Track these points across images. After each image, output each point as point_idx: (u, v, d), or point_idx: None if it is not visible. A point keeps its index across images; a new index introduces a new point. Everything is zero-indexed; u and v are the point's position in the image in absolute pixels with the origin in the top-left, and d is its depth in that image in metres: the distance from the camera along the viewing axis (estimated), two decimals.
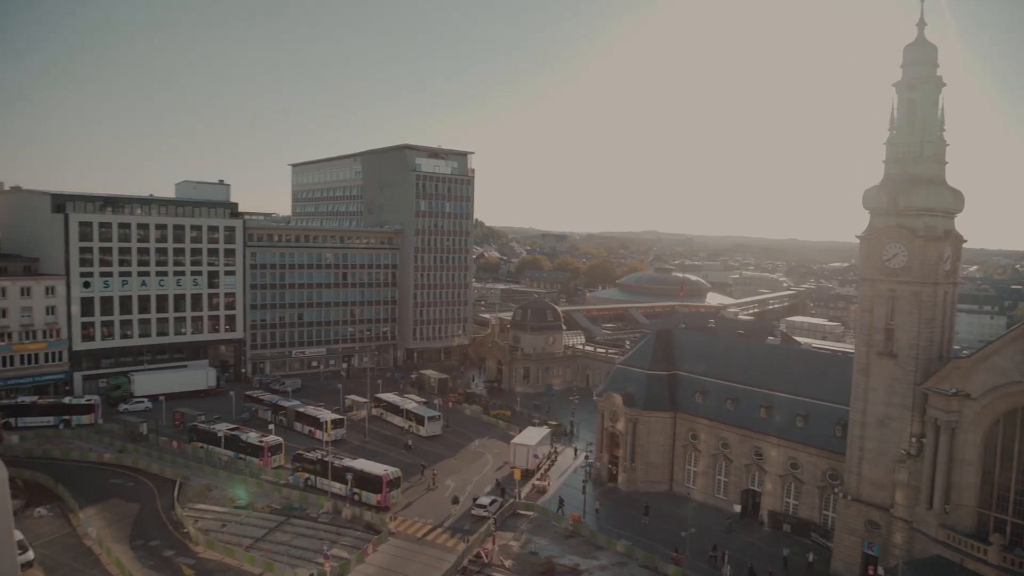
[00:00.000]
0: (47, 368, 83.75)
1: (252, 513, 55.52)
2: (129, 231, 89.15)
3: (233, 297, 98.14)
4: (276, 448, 65.86)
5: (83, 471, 62.65)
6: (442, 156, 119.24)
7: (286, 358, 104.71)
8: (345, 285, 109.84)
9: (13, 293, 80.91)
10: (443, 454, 71.54)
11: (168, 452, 68.13)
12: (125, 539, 50.56)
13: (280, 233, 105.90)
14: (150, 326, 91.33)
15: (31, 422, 73.50)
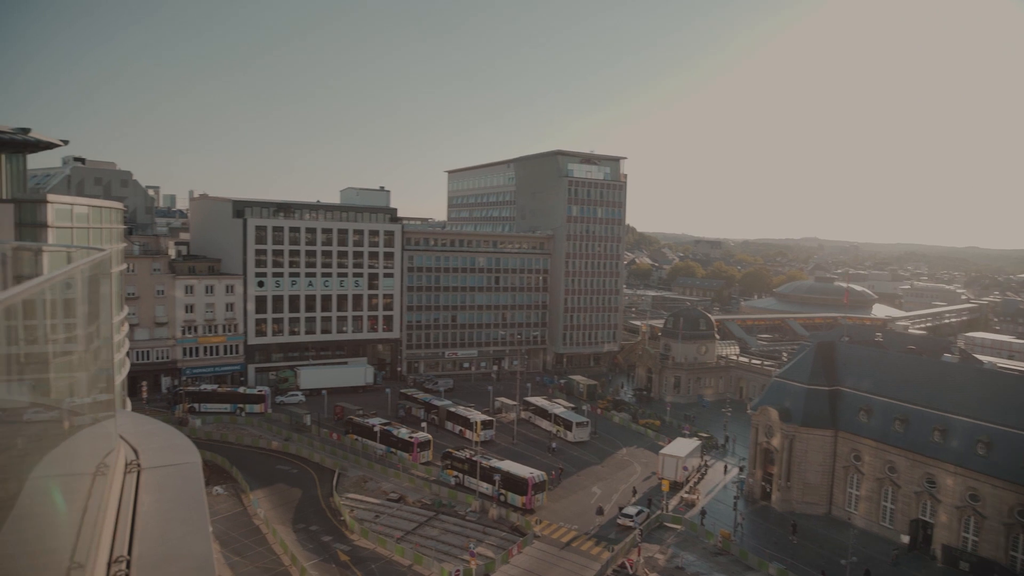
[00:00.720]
0: (225, 359, 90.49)
1: (404, 507, 57.08)
2: (298, 234, 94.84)
3: (391, 298, 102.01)
4: (425, 444, 67.51)
5: (254, 455, 66.95)
6: (594, 162, 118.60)
7: (439, 358, 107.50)
8: (497, 289, 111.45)
9: (199, 291, 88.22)
10: (590, 460, 70.63)
11: (328, 443, 71.51)
12: (288, 521, 53.48)
13: (436, 237, 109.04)
14: (315, 324, 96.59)
15: (211, 408, 79.57)
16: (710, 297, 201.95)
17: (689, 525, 54.94)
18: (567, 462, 68.99)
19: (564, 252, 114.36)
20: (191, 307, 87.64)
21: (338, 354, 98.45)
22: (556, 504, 58.77)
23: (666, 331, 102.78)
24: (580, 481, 64.85)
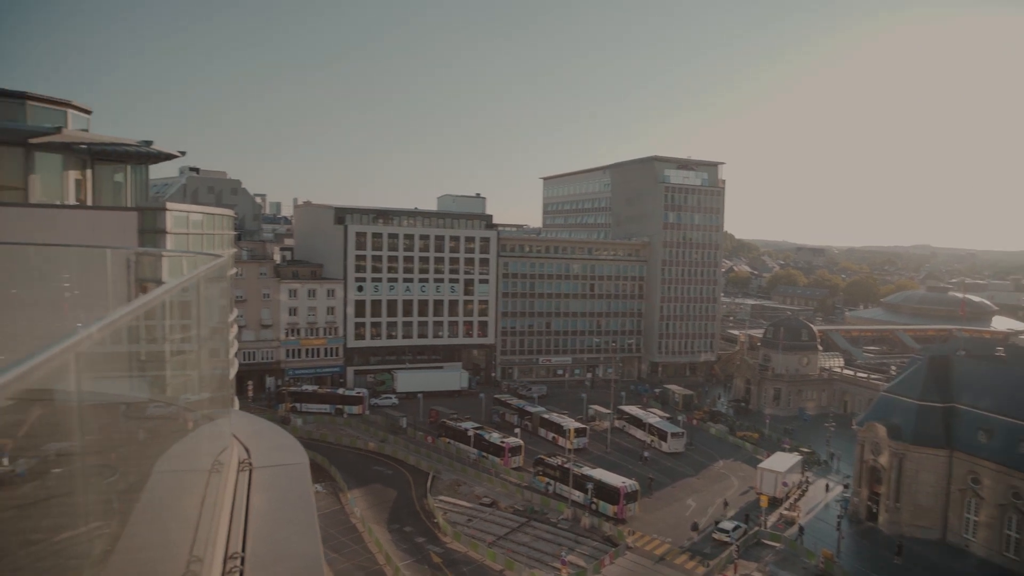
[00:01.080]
0: (326, 361, 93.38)
1: (496, 512, 57.37)
2: (396, 240, 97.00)
3: (486, 304, 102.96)
4: (516, 450, 67.69)
5: (351, 455, 68.71)
6: (691, 167, 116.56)
7: (533, 365, 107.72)
8: (592, 296, 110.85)
9: (302, 294, 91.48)
10: (685, 472, 69.18)
11: (423, 446, 72.66)
12: (383, 521, 54.60)
13: (531, 244, 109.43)
14: (412, 328, 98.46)
15: (312, 408, 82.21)
16: (812, 307, 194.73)
17: (788, 543, 52.99)
18: (661, 473, 67.83)
19: (660, 259, 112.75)
20: (294, 310, 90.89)
21: (434, 358, 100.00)
22: (650, 515, 57.81)
23: (766, 341, 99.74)
24: (674, 493, 63.62)
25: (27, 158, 24.50)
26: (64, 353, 1.93)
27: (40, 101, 27.41)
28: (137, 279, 10.55)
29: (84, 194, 26.33)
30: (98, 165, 27.05)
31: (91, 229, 19.50)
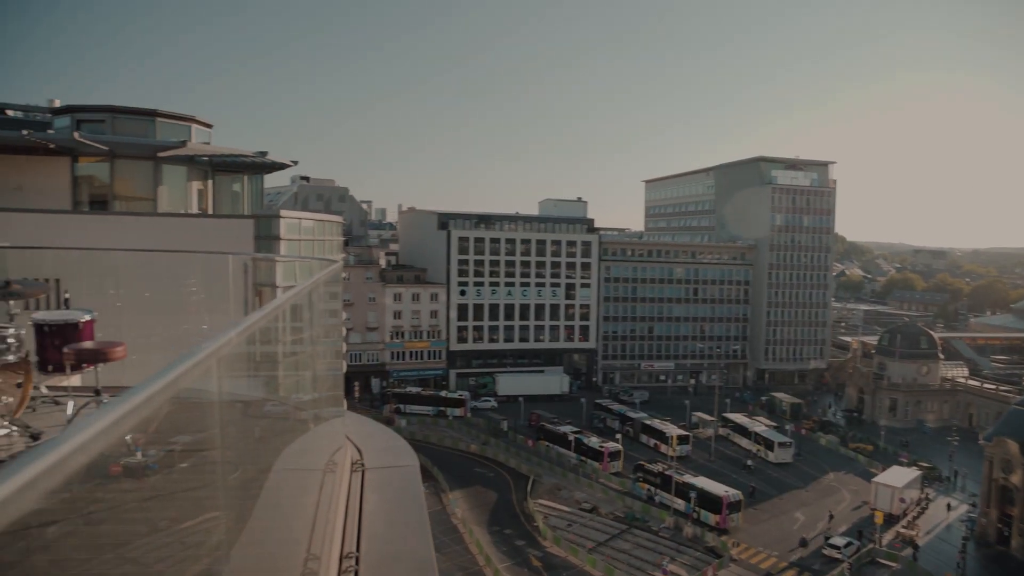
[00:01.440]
0: (429, 364, 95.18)
1: (596, 517, 56.97)
2: (498, 245, 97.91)
3: (588, 308, 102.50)
4: (615, 455, 67.05)
5: (453, 457, 69.70)
6: (800, 167, 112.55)
7: (635, 370, 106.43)
8: (695, 300, 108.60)
9: (407, 298, 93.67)
10: (792, 483, 66.71)
11: (524, 449, 72.96)
12: (484, 523, 55.12)
13: (633, 248, 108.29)
14: (513, 332, 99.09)
15: (415, 409, 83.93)
16: (932, 312, 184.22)
17: (906, 564, 50.23)
18: (767, 483, 65.65)
19: (767, 263, 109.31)
20: (399, 314, 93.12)
21: (535, 362, 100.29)
22: (755, 527, 56.05)
23: (881, 348, 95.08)
24: (781, 505, 61.46)
25: (156, 171, 26.25)
26: (208, 358, 2.00)
27: (167, 118, 29.44)
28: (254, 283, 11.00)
29: (206, 203, 27.87)
30: (218, 176, 28.64)
31: (212, 236, 20.58)
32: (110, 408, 1.22)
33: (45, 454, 1.00)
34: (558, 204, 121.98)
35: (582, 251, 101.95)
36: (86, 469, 1.02)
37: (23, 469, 0.96)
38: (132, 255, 8.96)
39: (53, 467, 0.99)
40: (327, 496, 4.57)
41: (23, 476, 0.93)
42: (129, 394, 1.31)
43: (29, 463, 0.97)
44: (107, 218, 22.72)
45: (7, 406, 6.10)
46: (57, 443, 1.04)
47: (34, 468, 0.97)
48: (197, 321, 8.77)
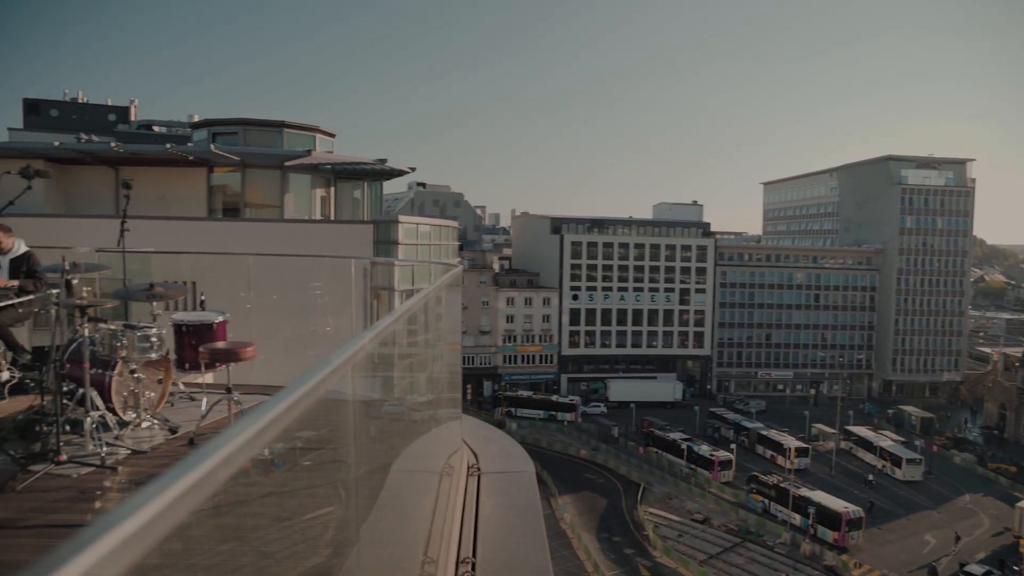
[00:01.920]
0: (540, 368, 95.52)
1: (708, 529, 55.53)
2: (611, 250, 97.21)
3: (702, 314, 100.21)
4: (726, 464, 65.30)
5: (563, 462, 69.64)
6: (933, 166, 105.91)
7: (751, 378, 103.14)
8: (817, 307, 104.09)
9: (519, 302, 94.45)
10: (922, 504, 62.73)
11: (634, 456, 72.04)
12: (592, 529, 54.75)
13: (750, 252, 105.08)
14: (625, 337, 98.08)
15: (526, 413, 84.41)
16: None
17: None
18: (894, 502, 62.02)
19: (895, 268, 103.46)
20: (511, 317, 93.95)
21: (647, 368, 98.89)
22: (878, 547, 53.07)
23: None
24: (909, 526, 57.93)
25: (283, 179, 27.68)
26: (345, 364, 2.04)
27: (294, 128, 31.07)
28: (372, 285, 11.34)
29: (328, 209, 29.09)
30: (339, 183, 29.87)
31: (334, 241, 21.42)
32: (268, 408, 1.26)
33: (218, 449, 1.06)
34: (673, 208, 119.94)
35: (697, 255, 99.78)
36: (238, 465, 1.09)
37: (199, 465, 1.01)
38: (261, 259, 9.38)
39: (224, 462, 1.05)
40: (444, 499, 4.61)
41: (200, 471, 0.99)
42: (282, 395, 1.35)
43: (205, 458, 1.02)
44: (238, 224, 24.07)
45: (149, 401, 6.51)
46: (226, 440, 1.08)
47: (209, 463, 1.02)
48: (321, 322, 9.09)
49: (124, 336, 6.14)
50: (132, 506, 0.81)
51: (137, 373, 6.20)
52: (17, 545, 4.05)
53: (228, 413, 6.27)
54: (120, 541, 0.69)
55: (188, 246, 13.26)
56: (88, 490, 4.91)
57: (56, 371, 5.53)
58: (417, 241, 43.04)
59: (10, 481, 4.92)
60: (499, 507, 4.84)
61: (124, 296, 6.86)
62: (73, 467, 5.24)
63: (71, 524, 4.32)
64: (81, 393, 5.79)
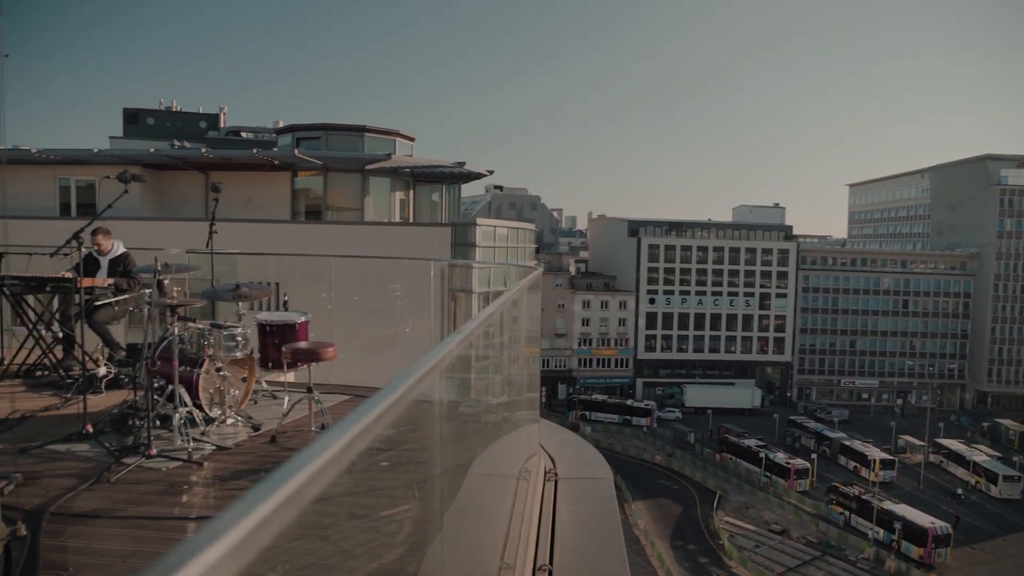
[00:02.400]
0: (615, 372, 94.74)
1: (787, 541, 53.95)
2: (689, 253, 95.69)
3: (783, 320, 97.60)
4: (803, 472, 63.52)
5: (637, 467, 68.88)
6: None
7: (834, 386, 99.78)
8: (905, 314, 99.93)
9: (595, 305, 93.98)
10: (1020, 524, 59.35)
11: (711, 464, 70.65)
12: (666, 536, 53.91)
13: (834, 256, 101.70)
14: (703, 342, 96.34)
15: (600, 417, 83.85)
16: None
17: None
18: (989, 521, 58.90)
19: (992, 273, 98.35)
20: (587, 321, 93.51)
21: (725, 374, 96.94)
22: (970, 568, 50.42)
23: None
24: (1006, 547, 54.88)
25: (363, 182, 28.28)
26: (434, 368, 2.03)
27: (375, 132, 31.70)
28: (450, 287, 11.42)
29: (407, 212, 29.55)
30: (418, 186, 30.32)
31: (413, 243, 21.73)
32: (367, 410, 1.30)
33: (325, 449, 1.08)
34: (754, 210, 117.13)
35: (778, 259, 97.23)
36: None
37: (309, 463, 1.01)
38: (341, 260, 9.55)
39: (331, 461, 1.07)
40: (520, 504, 4.56)
41: (311, 468, 1.01)
42: (379, 397, 1.35)
43: (312, 458, 1.02)
44: (320, 227, 24.68)
45: (233, 398, 6.68)
46: (330, 441, 1.12)
47: (318, 462, 1.02)
48: (400, 324, 9.19)
49: (211, 335, 6.33)
50: (241, 511, 0.78)
51: (223, 371, 6.38)
52: (110, 534, 4.20)
53: (308, 412, 6.38)
54: (237, 542, 0.74)
55: (272, 248, 13.64)
56: (175, 484, 5.07)
57: (148, 368, 5.73)
58: (495, 244, 43.12)
59: (105, 472, 5.12)
60: (576, 514, 4.76)
61: (212, 296, 7.07)
62: (162, 461, 5.43)
63: (159, 516, 4.46)
64: (171, 389, 5.99)
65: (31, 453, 5.63)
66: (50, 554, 3.86)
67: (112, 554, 3.92)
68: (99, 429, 6.02)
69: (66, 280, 7.98)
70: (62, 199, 28.51)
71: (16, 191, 25.95)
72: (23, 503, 4.52)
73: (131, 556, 3.87)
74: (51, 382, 7.96)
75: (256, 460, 5.59)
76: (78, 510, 4.50)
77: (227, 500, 4.74)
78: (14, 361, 8.35)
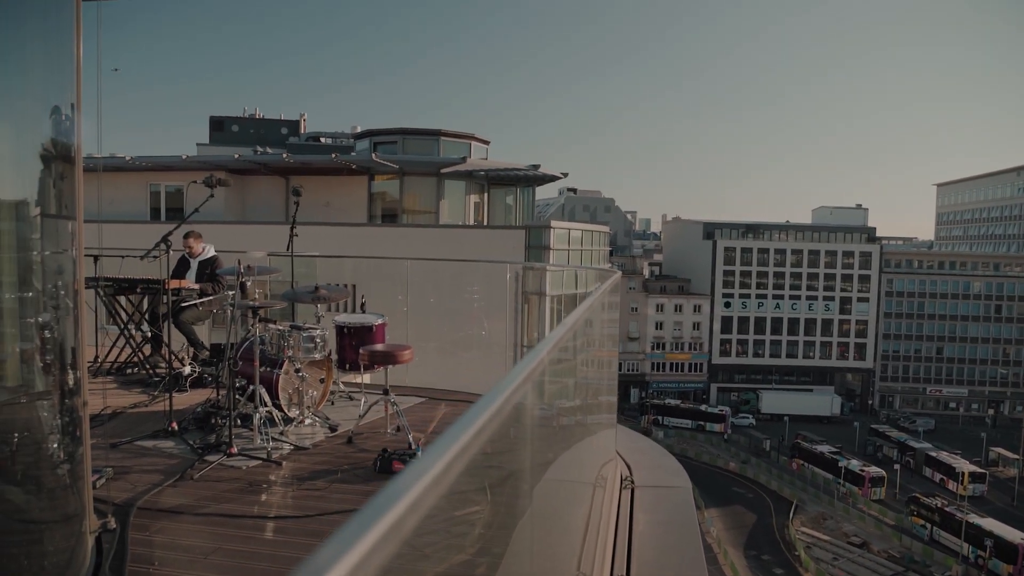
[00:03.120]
0: (689, 377, 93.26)
1: (867, 554, 52.00)
2: (767, 256, 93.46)
3: (864, 325, 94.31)
4: (878, 480, 61.51)
5: (710, 474, 67.55)
6: None
7: (919, 395, 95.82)
8: (998, 319, 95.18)
9: (669, 309, 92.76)
10: None
11: (787, 472, 68.78)
12: (740, 545, 52.70)
13: (921, 259, 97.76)
14: (780, 347, 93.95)
15: (673, 422, 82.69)
16: None
17: None
18: None
19: None
20: (660, 324, 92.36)
21: (803, 380, 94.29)
22: None
23: None
24: None
25: (439, 185, 28.61)
26: (528, 379, 1.99)
27: (450, 136, 32.06)
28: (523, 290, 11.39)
29: (481, 215, 29.73)
30: (493, 188, 30.48)
31: (487, 246, 21.83)
32: (472, 418, 1.31)
33: (440, 456, 1.11)
34: (834, 212, 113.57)
35: (860, 262, 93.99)
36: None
37: (426, 473, 1.04)
38: (416, 263, 9.63)
39: (446, 469, 1.09)
40: (597, 512, 4.47)
41: (432, 473, 1.03)
42: (476, 412, 1.32)
43: (430, 467, 1.06)
44: (396, 229, 25.04)
45: (311, 399, 6.79)
46: (445, 446, 1.14)
47: (436, 469, 1.06)
48: (475, 326, 9.20)
49: (291, 336, 6.45)
50: (373, 514, 0.80)
51: (301, 372, 6.48)
52: (193, 530, 4.30)
53: (384, 414, 6.43)
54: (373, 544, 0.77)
55: (349, 250, 13.88)
56: (255, 483, 5.16)
57: (230, 368, 5.87)
58: (568, 247, 42.95)
59: (189, 469, 5.26)
60: (654, 524, 4.65)
61: (291, 298, 7.22)
62: (242, 459, 5.55)
63: (240, 515, 4.54)
64: (251, 389, 6.12)
65: (121, 448, 5.84)
66: (137, 548, 3.96)
67: (195, 550, 4.00)
68: (183, 427, 6.21)
69: (155, 281, 8.29)
70: (152, 203, 29.78)
71: (111, 196, 27.19)
72: (113, 496, 4.67)
73: (212, 553, 3.95)
74: (139, 380, 8.28)
75: (333, 461, 5.65)
76: (163, 505, 4.62)
77: (305, 500, 4.81)
78: (107, 359, 8.71)
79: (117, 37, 26.28)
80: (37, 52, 3.44)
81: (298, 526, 4.34)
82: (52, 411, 3.61)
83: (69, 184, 3.65)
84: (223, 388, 6.38)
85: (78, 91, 3.47)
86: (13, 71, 3.32)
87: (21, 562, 3.28)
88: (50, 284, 3.69)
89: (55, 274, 3.75)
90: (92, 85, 3.53)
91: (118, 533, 4.09)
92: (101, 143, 4.21)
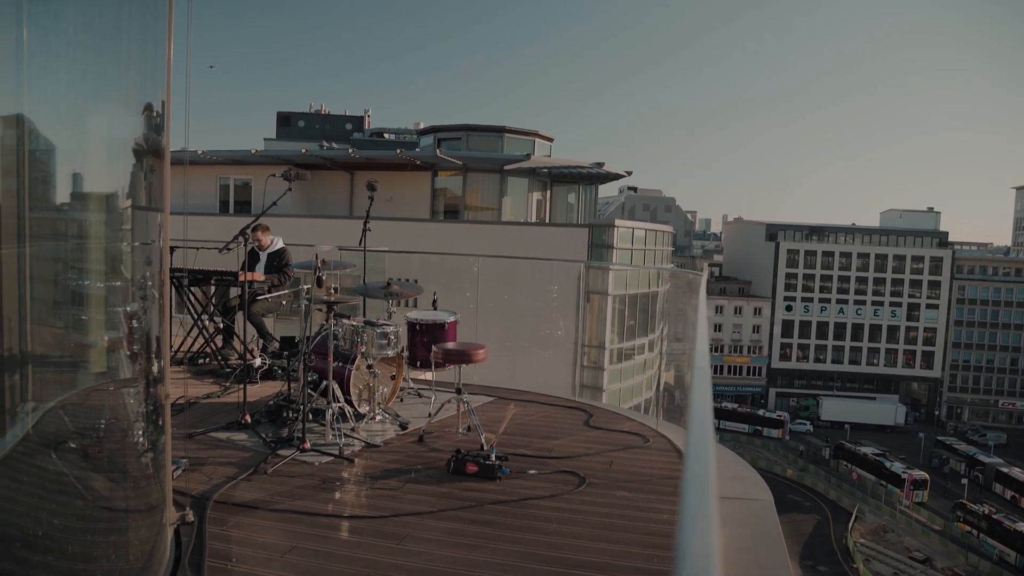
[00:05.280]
0: (747, 380, 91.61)
1: (930, 571, 50.24)
2: (831, 259, 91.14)
3: (932, 333, 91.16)
4: (920, 483, 60.58)
5: (766, 480, 65.93)
6: None
7: (990, 407, 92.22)
8: None
9: (728, 311, 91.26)
10: None
11: (847, 481, 66.95)
12: (795, 555, 51.41)
13: (996, 265, 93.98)
14: (842, 353, 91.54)
15: (729, 426, 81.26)
16: None
17: None
18: None
19: None
20: (719, 326, 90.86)
21: (865, 387, 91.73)
22: None
23: None
24: None
25: (502, 182, 28.60)
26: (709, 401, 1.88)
27: (514, 133, 32.00)
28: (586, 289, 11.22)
29: (544, 212, 29.63)
30: (555, 186, 30.33)
31: (549, 244, 21.73)
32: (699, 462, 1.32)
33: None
34: (904, 215, 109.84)
35: (930, 268, 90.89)
36: None
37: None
38: (480, 259, 9.56)
39: None
40: None
41: None
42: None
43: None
44: (459, 226, 25.09)
45: (382, 396, 6.77)
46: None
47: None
48: (541, 324, 9.10)
49: (364, 332, 6.42)
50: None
51: (373, 368, 6.46)
52: (268, 527, 4.28)
53: (456, 413, 6.36)
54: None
55: (413, 246, 13.92)
56: (328, 479, 5.14)
57: (304, 362, 5.87)
58: (631, 246, 42.45)
59: (262, 463, 5.27)
60: (737, 539, 4.46)
61: (363, 293, 7.21)
62: (315, 455, 5.53)
63: (314, 512, 4.51)
64: (324, 384, 6.11)
65: (195, 439, 5.89)
66: (215, 542, 3.96)
67: (272, 548, 3.98)
68: (256, 419, 6.24)
69: (228, 273, 8.40)
70: (222, 196, 30.49)
71: (183, 189, 27.87)
72: (190, 488, 4.70)
73: (289, 552, 3.92)
74: (211, 370, 8.39)
75: (404, 459, 5.61)
76: (238, 499, 4.63)
77: (378, 500, 4.76)
78: (180, 349, 8.87)
79: (209, 37, 26.93)
80: (134, 50, 3.45)
81: (373, 527, 4.29)
82: (137, 399, 3.63)
83: (158, 177, 3.67)
84: (295, 381, 6.40)
85: (168, 89, 3.48)
86: (111, 71, 3.33)
87: (106, 551, 3.29)
88: (138, 274, 3.72)
89: (143, 264, 3.78)
90: (181, 80, 3.54)
91: (196, 526, 4.10)
92: (188, 138, 4.24)
